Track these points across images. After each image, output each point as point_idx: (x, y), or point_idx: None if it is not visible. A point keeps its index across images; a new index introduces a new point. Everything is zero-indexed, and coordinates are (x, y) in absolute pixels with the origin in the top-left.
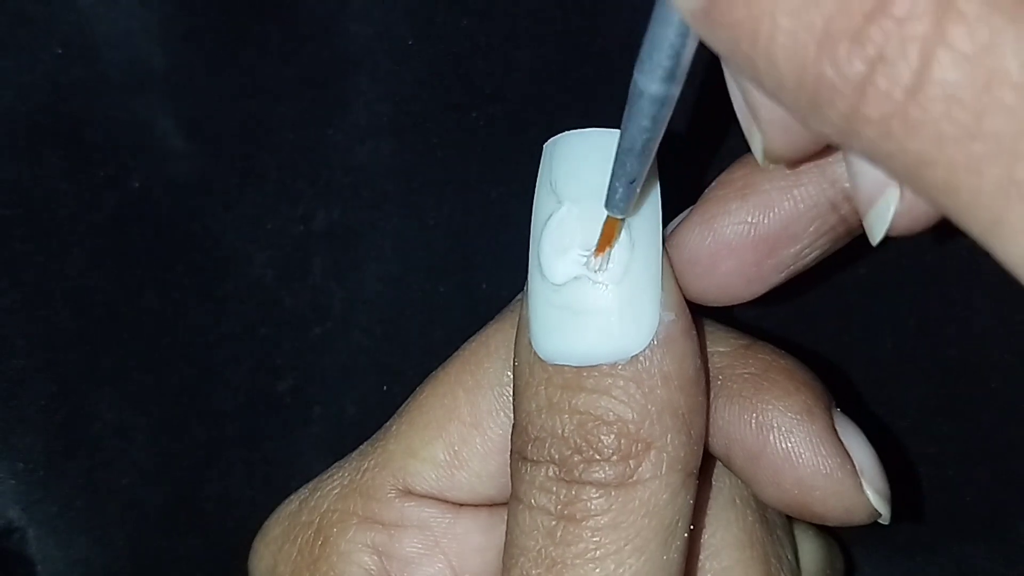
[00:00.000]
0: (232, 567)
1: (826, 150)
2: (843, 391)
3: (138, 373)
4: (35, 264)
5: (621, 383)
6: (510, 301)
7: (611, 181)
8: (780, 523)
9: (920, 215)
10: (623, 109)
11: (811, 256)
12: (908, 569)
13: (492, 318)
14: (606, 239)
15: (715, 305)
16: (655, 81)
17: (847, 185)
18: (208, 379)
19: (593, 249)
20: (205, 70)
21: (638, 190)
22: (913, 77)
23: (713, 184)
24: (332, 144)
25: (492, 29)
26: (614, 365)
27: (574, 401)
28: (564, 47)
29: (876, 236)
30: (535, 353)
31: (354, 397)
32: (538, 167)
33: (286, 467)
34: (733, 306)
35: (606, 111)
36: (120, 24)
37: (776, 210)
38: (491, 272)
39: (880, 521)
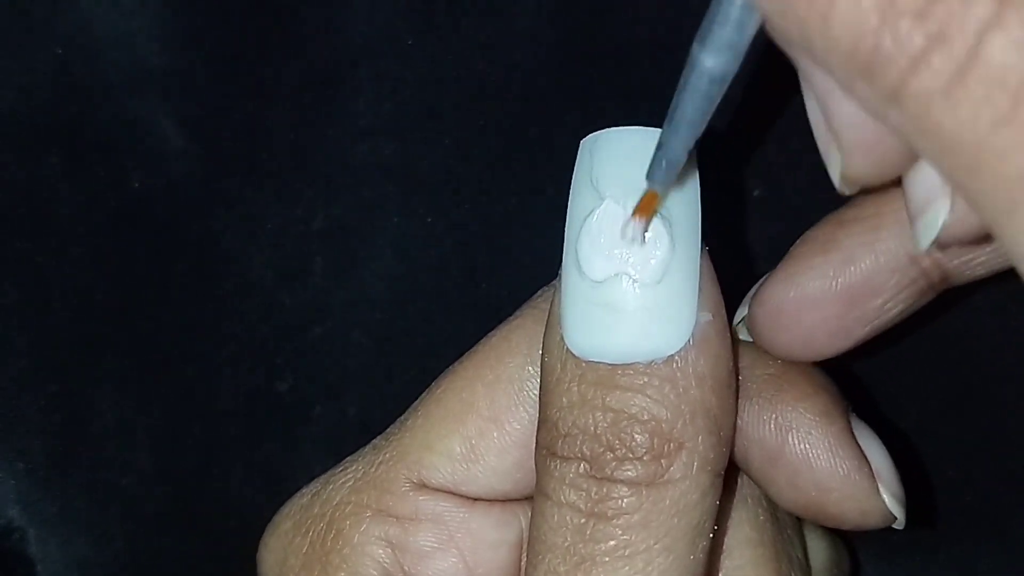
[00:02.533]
0: (232, 567)
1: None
2: (846, 392)
3: (138, 373)
4: (35, 264)
5: (656, 382)
6: (510, 301)
7: (655, 154)
8: (790, 522)
9: (968, 228)
10: (624, 108)
11: (895, 311)
12: (910, 569)
13: (491, 317)
14: (644, 211)
15: (803, 360)
16: (714, 56)
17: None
18: (208, 379)
19: (633, 246)
20: (205, 70)
21: (681, 166)
22: (966, 56)
23: (797, 242)
24: (332, 144)
25: (492, 29)
26: (649, 364)
27: (608, 399)
28: (564, 47)
29: (923, 245)
30: (568, 349)
31: (354, 397)
32: (538, 166)
33: (286, 467)
34: None
35: (606, 110)
36: (120, 24)
37: (857, 264)
38: (491, 272)
39: (895, 526)
